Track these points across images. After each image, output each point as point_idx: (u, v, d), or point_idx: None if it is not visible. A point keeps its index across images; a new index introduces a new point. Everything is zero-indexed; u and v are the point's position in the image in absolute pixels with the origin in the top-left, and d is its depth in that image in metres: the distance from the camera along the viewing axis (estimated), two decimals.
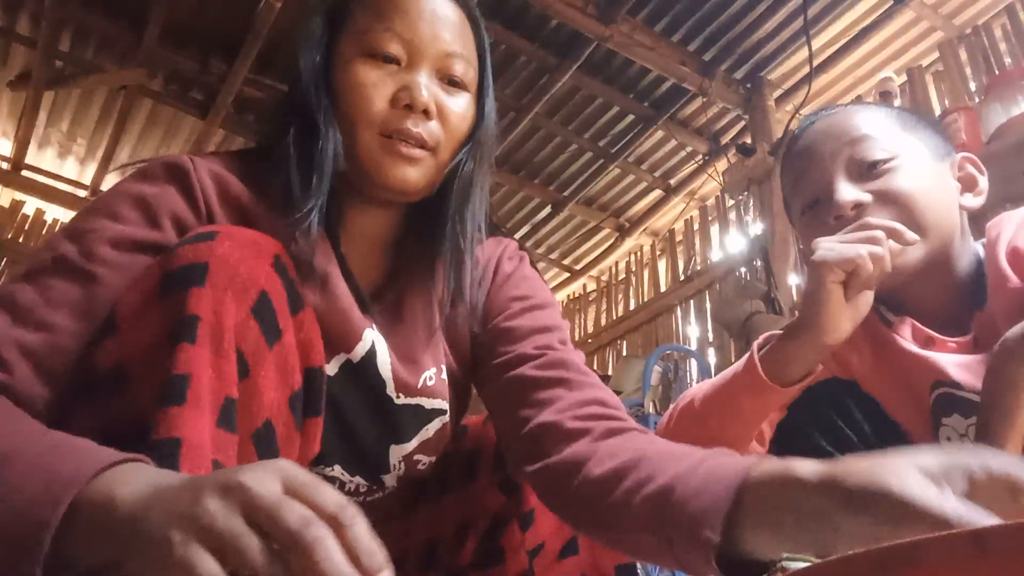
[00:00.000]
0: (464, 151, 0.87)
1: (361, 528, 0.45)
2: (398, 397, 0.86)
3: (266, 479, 0.45)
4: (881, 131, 0.98)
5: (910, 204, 0.93)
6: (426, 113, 0.82)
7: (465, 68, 0.87)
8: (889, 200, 0.93)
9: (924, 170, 0.97)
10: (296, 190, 0.80)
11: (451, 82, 0.86)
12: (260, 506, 0.44)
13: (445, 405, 0.90)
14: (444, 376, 0.91)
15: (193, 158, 0.81)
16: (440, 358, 0.91)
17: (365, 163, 0.82)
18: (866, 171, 0.96)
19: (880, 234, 0.85)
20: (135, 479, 0.49)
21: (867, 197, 0.94)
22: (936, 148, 1.01)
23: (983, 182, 1.02)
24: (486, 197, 0.92)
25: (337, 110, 0.83)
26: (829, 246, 0.86)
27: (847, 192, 0.95)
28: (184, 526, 0.44)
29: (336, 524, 0.44)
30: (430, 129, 0.83)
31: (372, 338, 0.84)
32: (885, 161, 0.96)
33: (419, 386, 0.87)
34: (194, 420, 0.58)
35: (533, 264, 1.00)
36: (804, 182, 1.02)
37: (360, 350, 0.83)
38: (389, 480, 0.88)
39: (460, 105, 0.86)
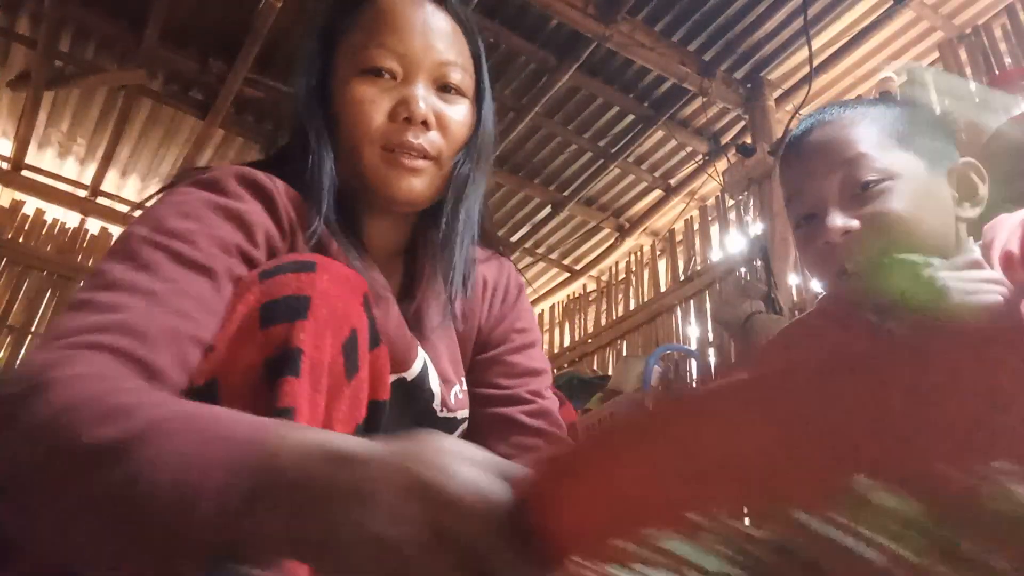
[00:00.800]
0: (461, 153, 0.88)
1: None
2: (441, 411, 0.88)
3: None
4: (876, 147, 0.97)
5: (899, 229, 0.93)
6: (425, 124, 0.84)
7: (461, 76, 0.88)
8: (878, 225, 0.94)
9: (918, 189, 0.96)
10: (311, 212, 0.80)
11: (448, 90, 0.87)
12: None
13: (467, 414, 0.93)
14: (465, 387, 0.94)
15: (269, 175, 0.79)
16: (460, 370, 0.94)
17: (371, 178, 0.84)
18: (859, 192, 0.96)
19: (1001, 277, 0.86)
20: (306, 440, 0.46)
21: (855, 224, 0.95)
22: (934, 156, 1.00)
23: (983, 190, 1.01)
24: (482, 200, 0.94)
25: (339, 128, 0.85)
26: (966, 288, 0.85)
27: (837, 219, 0.95)
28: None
29: None
30: (431, 139, 0.84)
31: (424, 356, 0.87)
32: (878, 182, 0.95)
33: (453, 401, 0.90)
34: None
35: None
36: (800, 196, 1.03)
37: (415, 368, 0.85)
38: None
39: (459, 112, 0.88)
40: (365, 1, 0.88)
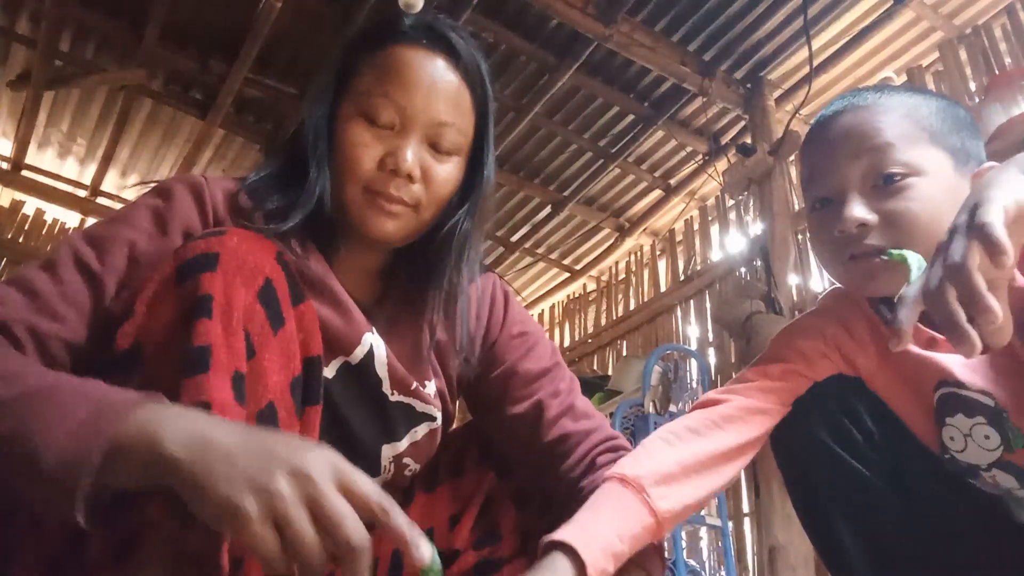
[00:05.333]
0: (462, 211, 0.95)
1: (402, 519, 0.57)
2: (392, 394, 0.94)
3: (327, 472, 0.55)
4: (905, 140, 0.95)
5: (914, 229, 0.91)
6: (410, 177, 0.89)
7: (456, 136, 0.93)
8: (894, 224, 0.92)
9: (940, 189, 0.94)
10: (284, 214, 0.89)
11: (440, 148, 0.92)
12: (328, 511, 0.53)
13: (436, 413, 0.98)
14: (434, 392, 0.99)
15: (207, 176, 0.90)
16: (429, 375, 0.99)
17: (351, 212, 0.90)
18: (881, 185, 0.94)
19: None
20: (174, 419, 0.57)
21: (873, 218, 0.93)
22: (963, 157, 0.97)
23: None
24: (480, 247, 1.01)
25: (332, 160, 0.91)
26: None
27: (856, 210, 0.93)
28: (259, 501, 0.52)
29: (382, 514, 0.56)
30: (412, 192, 0.90)
31: (371, 341, 0.92)
32: (902, 176, 0.93)
33: (412, 388, 0.95)
34: (219, 386, 0.63)
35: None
36: (820, 178, 0.99)
37: (359, 352, 0.91)
38: (378, 483, 0.92)
39: (447, 171, 0.93)
40: (382, 47, 0.93)
